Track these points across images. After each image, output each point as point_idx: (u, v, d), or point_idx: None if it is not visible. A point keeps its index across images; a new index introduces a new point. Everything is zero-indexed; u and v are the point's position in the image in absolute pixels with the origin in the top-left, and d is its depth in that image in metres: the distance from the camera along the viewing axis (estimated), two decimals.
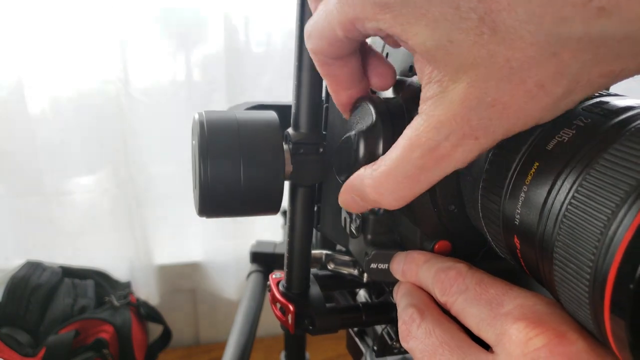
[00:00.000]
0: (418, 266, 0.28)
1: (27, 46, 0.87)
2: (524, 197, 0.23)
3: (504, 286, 0.24)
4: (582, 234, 0.20)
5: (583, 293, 0.19)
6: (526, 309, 0.22)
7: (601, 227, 0.19)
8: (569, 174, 0.21)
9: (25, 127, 0.91)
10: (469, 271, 0.25)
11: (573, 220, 0.20)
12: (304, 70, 0.32)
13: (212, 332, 1.20)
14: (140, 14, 0.91)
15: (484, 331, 0.23)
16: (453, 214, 0.29)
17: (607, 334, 0.19)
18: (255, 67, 0.98)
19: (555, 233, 0.21)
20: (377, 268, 0.32)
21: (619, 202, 0.18)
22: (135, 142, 0.98)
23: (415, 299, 0.27)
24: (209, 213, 0.32)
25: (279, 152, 0.32)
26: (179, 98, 0.98)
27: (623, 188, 0.18)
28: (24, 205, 0.98)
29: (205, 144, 0.30)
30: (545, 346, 0.20)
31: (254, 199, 0.32)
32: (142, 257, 1.05)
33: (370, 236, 0.32)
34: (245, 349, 0.64)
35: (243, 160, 0.31)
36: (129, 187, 1.00)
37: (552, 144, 0.22)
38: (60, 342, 0.87)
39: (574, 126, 0.22)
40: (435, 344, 0.24)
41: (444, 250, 0.29)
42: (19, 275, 0.93)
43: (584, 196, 0.20)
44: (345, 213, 0.35)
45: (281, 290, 0.37)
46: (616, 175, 0.19)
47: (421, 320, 0.25)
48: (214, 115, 0.32)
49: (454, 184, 0.28)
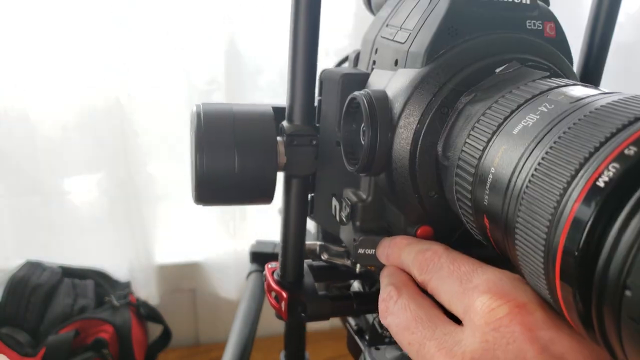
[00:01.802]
0: (400, 249, 0.30)
1: (26, 46, 0.87)
2: (492, 179, 0.25)
3: (475, 264, 0.25)
4: (538, 209, 0.21)
5: (539, 265, 0.21)
6: (491, 284, 0.23)
7: (554, 202, 0.20)
8: (530, 154, 0.23)
9: (25, 127, 0.91)
10: (445, 252, 0.27)
11: (531, 197, 0.22)
12: (298, 65, 0.33)
13: (212, 332, 1.20)
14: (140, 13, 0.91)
15: (454, 305, 0.25)
16: (433, 200, 0.31)
17: (560, 302, 0.20)
18: (255, 67, 0.99)
19: (517, 210, 0.22)
20: (364, 253, 0.34)
21: (569, 177, 0.20)
22: (135, 142, 0.98)
23: (394, 278, 0.29)
24: (204, 201, 0.34)
25: (272, 143, 0.33)
26: (178, 98, 0.98)
27: (574, 164, 0.20)
28: (24, 205, 0.98)
29: (201, 134, 0.32)
30: (506, 315, 0.22)
31: (248, 187, 0.33)
32: (142, 257, 1.05)
33: (359, 223, 0.35)
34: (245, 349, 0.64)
35: (237, 150, 0.32)
36: (128, 187, 1.00)
37: (518, 128, 0.24)
38: (60, 342, 0.87)
39: (538, 112, 0.24)
40: (409, 318, 0.26)
41: (426, 234, 0.32)
42: (19, 275, 0.93)
43: (541, 174, 0.21)
44: (336, 201, 0.37)
45: (276, 279, 0.39)
46: (570, 152, 0.20)
47: (398, 297, 0.27)
48: (210, 107, 0.33)
49: (433, 171, 0.30)
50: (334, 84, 0.35)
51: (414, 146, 0.30)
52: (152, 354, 1.04)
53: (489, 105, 0.27)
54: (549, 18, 0.32)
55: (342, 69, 0.39)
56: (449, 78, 0.29)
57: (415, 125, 0.30)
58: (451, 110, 0.29)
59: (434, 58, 0.30)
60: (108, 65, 0.91)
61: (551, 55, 0.31)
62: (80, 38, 0.88)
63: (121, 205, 1.01)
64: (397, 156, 0.30)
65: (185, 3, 0.93)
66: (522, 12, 0.31)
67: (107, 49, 0.90)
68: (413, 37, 0.31)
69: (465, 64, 0.29)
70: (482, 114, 0.27)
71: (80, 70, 0.91)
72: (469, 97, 0.29)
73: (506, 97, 0.27)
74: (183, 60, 0.96)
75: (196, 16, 0.93)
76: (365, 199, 0.34)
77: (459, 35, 0.30)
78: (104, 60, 0.91)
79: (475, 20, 0.30)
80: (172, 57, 0.95)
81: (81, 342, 0.90)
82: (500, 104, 0.26)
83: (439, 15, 0.30)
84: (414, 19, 0.32)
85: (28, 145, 0.93)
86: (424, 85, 0.29)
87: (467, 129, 0.28)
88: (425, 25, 0.31)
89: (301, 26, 0.32)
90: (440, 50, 0.30)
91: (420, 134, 0.30)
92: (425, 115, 0.29)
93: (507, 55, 0.30)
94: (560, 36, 0.32)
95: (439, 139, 0.30)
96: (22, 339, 0.88)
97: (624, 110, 0.20)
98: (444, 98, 0.29)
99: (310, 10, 0.32)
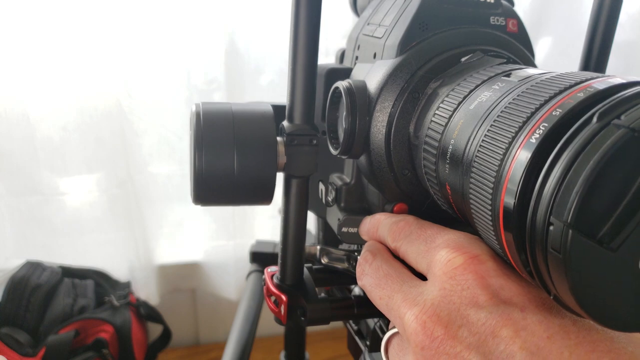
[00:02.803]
0: (378, 224, 0.33)
1: (26, 46, 0.87)
2: (451, 151, 0.28)
3: (440, 228, 0.29)
4: (485, 172, 0.24)
5: (488, 220, 0.24)
6: (451, 241, 0.26)
7: (497, 162, 0.23)
8: (482, 125, 0.25)
9: (24, 127, 0.91)
10: (415, 220, 0.31)
11: (480, 161, 0.25)
12: (298, 65, 0.33)
13: (212, 332, 1.20)
14: (141, 13, 0.91)
15: (420, 263, 0.28)
16: (407, 178, 0.34)
17: (507, 251, 0.23)
18: (255, 67, 0.98)
19: (469, 176, 0.25)
20: (347, 232, 0.38)
21: (510, 140, 0.23)
22: (135, 142, 0.98)
23: (371, 246, 0.32)
24: (203, 201, 0.34)
25: (271, 143, 0.33)
26: (178, 98, 0.98)
27: (514, 127, 0.23)
28: (24, 205, 0.98)
29: (200, 133, 0.32)
30: (461, 265, 0.24)
31: (247, 188, 0.33)
32: (142, 257, 1.05)
33: (343, 204, 0.38)
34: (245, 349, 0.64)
35: (237, 150, 0.32)
36: (128, 187, 1.00)
37: (474, 104, 0.27)
38: (60, 342, 0.87)
39: (491, 89, 0.27)
40: (381, 276, 0.29)
41: (401, 210, 0.35)
42: (18, 275, 0.93)
43: (488, 140, 0.24)
44: (322, 185, 0.41)
45: (275, 282, 0.38)
46: (511, 119, 0.23)
47: (373, 260, 0.30)
48: (210, 107, 0.34)
49: (406, 151, 0.33)
50: (320, 78, 0.38)
51: (388, 128, 0.33)
52: (152, 354, 1.04)
53: (452, 87, 0.30)
54: (512, 15, 0.35)
55: (328, 64, 0.41)
56: (419, 66, 0.33)
57: (390, 109, 0.33)
58: (422, 95, 0.33)
59: (407, 49, 0.33)
60: (108, 65, 0.91)
61: (512, 47, 0.35)
62: (80, 38, 0.88)
63: (121, 205, 1.01)
64: (374, 138, 0.34)
65: (185, 3, 0.93)
66: (487, 9, 0.35)
67: (107, 49, 0.90)
68: (389, 32, 0.35)
69: (434, 54, 0.33)
70: (446, 95, 0.30)
71: (80, 70, 0.91)
72: (437, 82, 0.32)
73: (467, 79, 0.30)
74: (183, 59, 0.96)
75: (196, 16, 0.93)
76: (349, 183, 0.38)
77: (429, 29, 0.34)
78: (104, 60, 0.91)
79: (444, 16, 0.34)
80: (172, 56, 0.95)
81: (81, 342, 0.90)
82: (461, 85, 0.30)
83: (411, 12, 0.34)
84: (390, 16, 0.36)
85: (28, 145, 0.93)
86: (398, 73, 0.33)
87: (433, 110, 0.31)
88: (399, 21, 0.34)
89: (302, 26, 0.32)
90: (412, 42, 0.33)
91: (394, 117, 0.33)
92: (399, 99, 0.33)
93: (472, 46, 0.33)
94: (522, 31, 0.36)
95: (411, 120, 0.33)
96: (22, 339, 0.88)
97: (558, 82, 0.23)
98: (415, 84, 0.33)
99: (311, 10, 0.32)
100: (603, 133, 0.19)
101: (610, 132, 0.18)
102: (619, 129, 0.18)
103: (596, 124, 0.19)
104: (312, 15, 0.32)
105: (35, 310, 0.91)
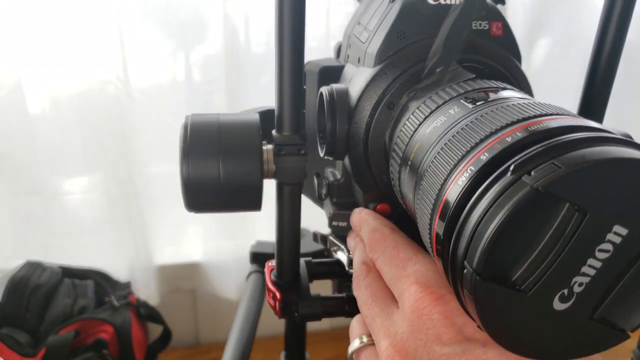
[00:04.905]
0: (361, 224, 0.35)
1: (26, 45, 0.87)
2: (409, 168, 0.29)
3: (412, 251, 0.30)
4: (424, 202, 0.25)
5: (429, 245, 0.25)
6: (420, 275, 0.28)
7: (433, 197, 0.24)
8: (430, 152, 0.27)
9: (24, 127, 0.91)
10: (391, 234, 0.32)
11: (422, 191, 0.26)
12: (284, 74, 0.34)
13: (212, 332, 1.20)
14: (140, 13, 0.91)
15: (392, 287, 0.29)
16: (385, 182, 0.35)
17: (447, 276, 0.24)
18: (255, 67, 0.98)
19: (415, 197, 0.27)
20: (337, 225, 0.39)
21: (444, 177, 0.24)
22: (135, 142, 0.98)
23: (367, 257, 0.34)
24: (194, 208, 0.35)
25: (256, 152, 0.34)
26: (178, 98, 0.98)
27: (449, 165, 0.24)
28: (23, 205, 0.98)
29: (187, 145, 0.33)
30: (428, 306, 0.26)
31: (233, 195, 0.34)
32: (142, 257, 1.05)
33: (335, 199, 0.39)
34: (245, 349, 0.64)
35: (221, 158, 0.33)
36: (128, 187, 1.00)
37: (430, 128, 0.28)
38: (60, 342, 0.87)
39: (446, 115, 0.28)
40: (369, 295, 0.31)
41: (383, 211, 0.36)
42: (18, 276, 0.93)
43: (430, 172, 0.26)
44: (317, 179, 0.42)
45: (272, 279, 0.41)
46: (449, 154, 0.25)
47: (366, 275, 0.32)
48: (198, 119, 0.35)
49: (382, 158, 0.35)
50: (314, 75, 0.40)
51: (365, 136, 0.34)
52: (152, 354, 1.04)
53: (419, 104, 0.31)
54: (496, 18, 0.34)
55: (322, 61, 0.41)
56: (395, 77, 0.33)
57: (367, 118, 0.34)
58: (396, 106, 0.34)
59: (384, 59, 0.34)
60: (108, 65, 0.91)
61: (492, 53, 0.34)
62: (80, 38, 0.89)
63: (121, 205, 1.01)
64: (353, 144, 0.35)
65: (185, 3, 0.93)
66: None
67: (107, 49, 0.90)
68: (370, 38, 0.35)
69: (409, 65, 0.33)
70: (412, 112, 0.31)
71: (80, 70, 0.91)
72: (410, 95, 0.33)
73: (432, 98, 0.30)
74: (183, 60, 0.96)
75: (196, 16, 0.93)
76: (339, 179, 0.39)
77: (407, 38, 0.34)
78: (104, 60, 0.91)
79: (422, 24, 0.34)
80: (172, 56, 0.95)
81: (81, 342, 0.90)
82: (426, 104, 0.30)
83: (390, 19, 0.34)
84: (374, 20, 0.36)
85: (28, 145, 0.93)
86: (375, 83, 0.34)
87: (402, 123, 0.32)
88: (380, 28, 0.35)
89: (286, 37, 0.33)
90: (390, 52, 0.34)
91: (370, 127, 0.34)
92: (374, 110, 0.34)
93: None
94: (507, 34, 0.35)
95: (386, 130, 0.34)
96: (22, 339, 0.88)
97: (501, 117, 0.24)
98: (390, 95, 0.33)
99: (294, 24, 0.33)
100: (513, 188, 0.19)
101: (519, 187, 0.19)
102: (524, 187, 0.19)
103: (510, 177, 0.20)
104: (296, 27, 0.33)
105: (35, 311, 0.91)
